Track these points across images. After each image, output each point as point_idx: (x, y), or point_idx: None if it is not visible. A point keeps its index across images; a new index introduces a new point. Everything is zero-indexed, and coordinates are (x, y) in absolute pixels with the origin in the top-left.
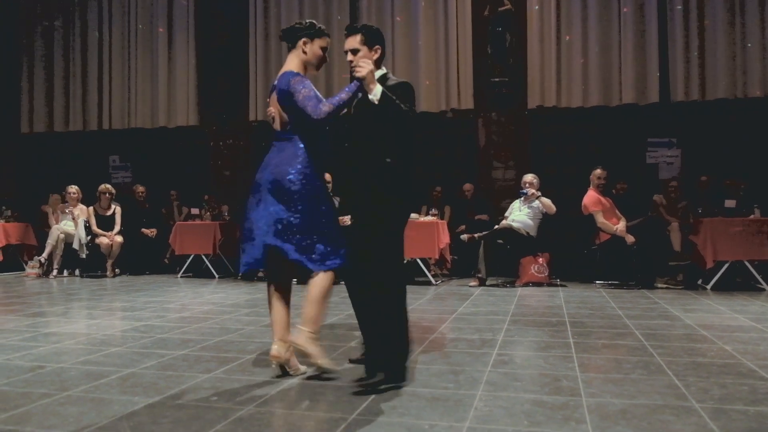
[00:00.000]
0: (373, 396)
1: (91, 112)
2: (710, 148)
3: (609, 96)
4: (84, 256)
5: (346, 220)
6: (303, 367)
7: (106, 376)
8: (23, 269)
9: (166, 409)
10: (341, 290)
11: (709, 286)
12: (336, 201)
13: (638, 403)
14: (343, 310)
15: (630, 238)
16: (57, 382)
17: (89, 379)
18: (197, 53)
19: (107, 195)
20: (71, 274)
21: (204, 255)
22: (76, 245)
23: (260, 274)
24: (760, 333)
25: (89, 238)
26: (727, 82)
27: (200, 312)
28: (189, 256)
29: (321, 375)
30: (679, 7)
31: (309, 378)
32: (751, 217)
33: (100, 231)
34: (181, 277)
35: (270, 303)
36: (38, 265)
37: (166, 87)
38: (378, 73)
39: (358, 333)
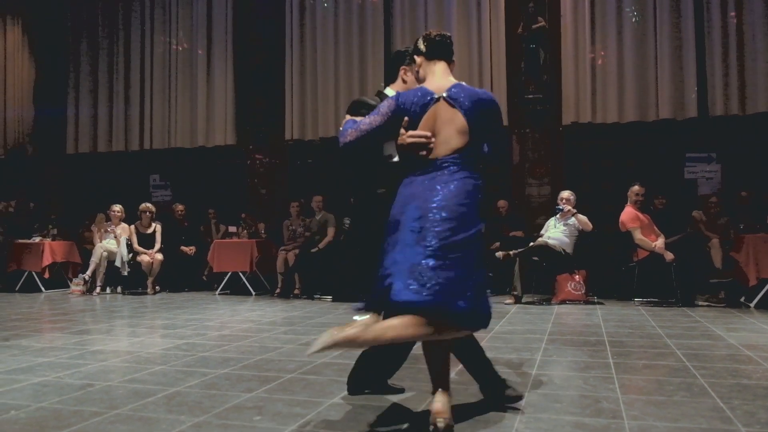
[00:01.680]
0: (412, 416)
1: (132, 132)
2: (750, 162)
3: (645, 111)
4: (126, 273)
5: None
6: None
7: (153, 395)
8: (68, 286)
9: (212, 428)
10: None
11: (752, 304)
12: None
13: (682, 427)
14: None
15: (669, 255)
16: (106, 401)
17: (136, 397)
18: (235, 73)
19: (148, 213)
20: (114, 291)
21: (241, 272)
22: (118, 263)
23: (296, 292)
24: None
25: (131, 255)
26: None
27: (239, 330)
28: (226, 273)
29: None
30: (717, 18)
31: (349, 399)
32: None
33: (141, 249)
34: (218, 294)
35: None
36: (82, 282)
37: (204, 107)
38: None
39: None
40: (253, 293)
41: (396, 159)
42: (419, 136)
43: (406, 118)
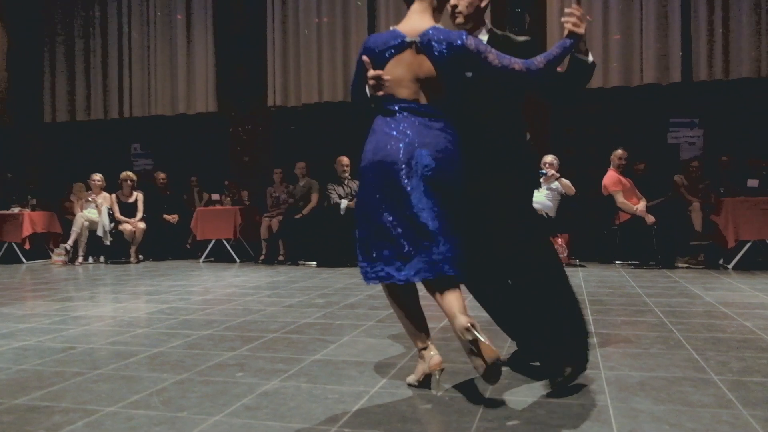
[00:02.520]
0: (394, 370)
1: (111, 100)
2: (733, 128)
3: (630, 76)
4: (108, 243)
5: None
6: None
7: (135, 355)
8: (49, 257)
9: (195, 385)
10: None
11: (730, 266)
12: (341, 190)
13: (657, 376)
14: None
15: (650, 218)
16: (88, 362)
17: (119, 358)
18: (215, 39)
19: (129, 182)
20: (96, 260)
21: (225, 240)
22: (100, 232)
23: (280, 258)
24: None
25: (113, 225)
26: (752, 61)
27: (223, 294)
28: (210, 241)
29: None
30: None
31: (331, 357)
32: None
33: (123, 218)
34: (203, 262)
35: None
36: (64, 252)
37: (185, 73)
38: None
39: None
40: (238, 260)
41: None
42: (373, 77)
43: (365, 57)
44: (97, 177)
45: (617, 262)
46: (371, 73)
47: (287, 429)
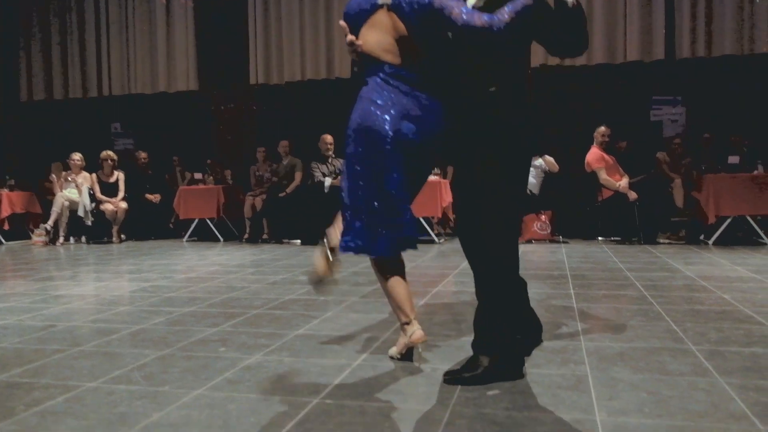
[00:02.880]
0: (376, 344)
1: (90, 78)
2: (715, 105)
3: (613, 53)
4: (89, 223)
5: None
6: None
7: (117, 332)
8: (29, 238)
9: (177, 360)
10: None
11: (711, 241)
12: (325, 168)
13: (636, 347)
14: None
15: (633, 195)
16: (69, 339)
17: (100, 335)
18: (196, 15)
19: (109, 161)
20: (77, 241)
21: (208, 219)
22: (81, 213)
23: (264, 237)
24: (758, 283)
25: (94, 205)
26: (734, 38)
27: (206, 273)
28: (193, 220)
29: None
30: None
31: (314, 331)
32: (755, 172)
33: (104, 198)
34: (186, 241)
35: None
36: (44, 233)
37: (165, 51)
38: None
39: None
40: (221, 239)
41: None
42: (348, 42)
43: (341, 22)
44: (77, 156)
45: (600, 238)
46: (348, 38)
47: (269, 401)
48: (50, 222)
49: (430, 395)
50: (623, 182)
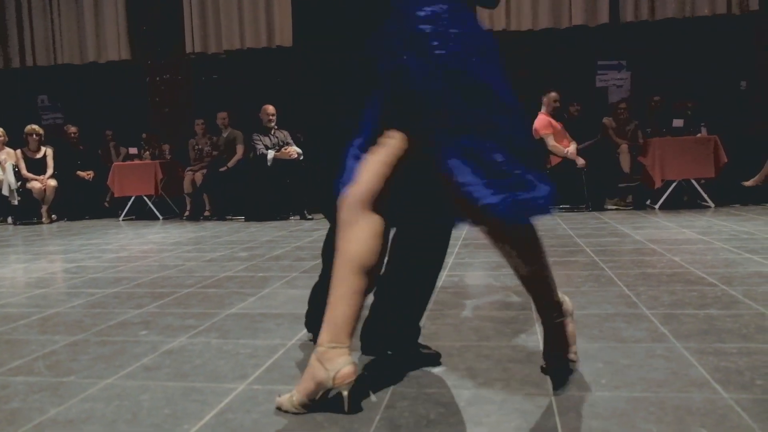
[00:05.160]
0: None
1: (12, 48)
2: (659, 69)
3: (559, 18)
4: (16, 202)
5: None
6: None
7: (26, 318)
8: None
9: (89, 346)
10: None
11: (657, 206)
12: (267, 140)
13: (589, 313)
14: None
15: (580, 161)
16: None
17: (6, 321)
18: None
19: (35, 136)
20: (4, 221)
21: (146, 196)
22: (5, 191)
23: (206, 213)
24: (707, 244)
25: (19, 183)
26: (677, 1)
27: (139, 251)
28: (130, 198)
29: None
30: None
31: (248, 310)
32: (698, 135)
33: (30, 175)
34: (122, 220)
35: None
36: None
37: (92, 18)
38: None
39: None
40: (161, 217)
41: None
42: None
43: None
44: None
45: None
46: None
47: (187, 389)
48: None
49: (370, 376)
50: (571, 148)
